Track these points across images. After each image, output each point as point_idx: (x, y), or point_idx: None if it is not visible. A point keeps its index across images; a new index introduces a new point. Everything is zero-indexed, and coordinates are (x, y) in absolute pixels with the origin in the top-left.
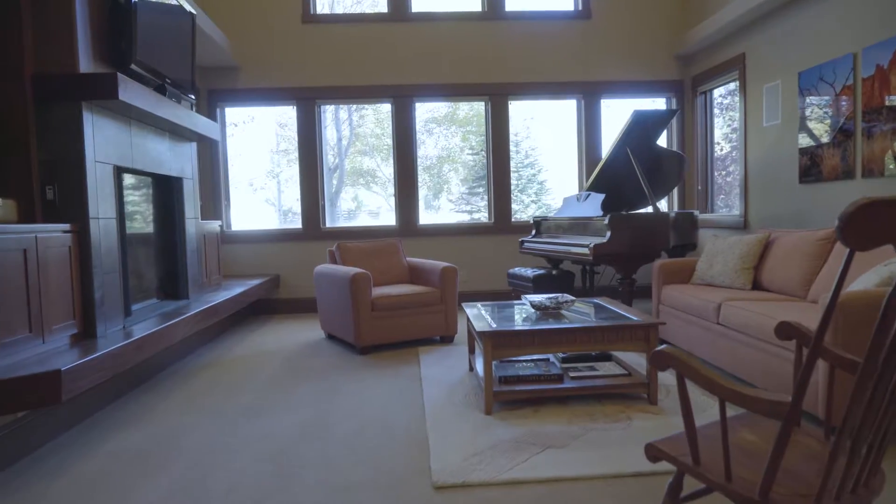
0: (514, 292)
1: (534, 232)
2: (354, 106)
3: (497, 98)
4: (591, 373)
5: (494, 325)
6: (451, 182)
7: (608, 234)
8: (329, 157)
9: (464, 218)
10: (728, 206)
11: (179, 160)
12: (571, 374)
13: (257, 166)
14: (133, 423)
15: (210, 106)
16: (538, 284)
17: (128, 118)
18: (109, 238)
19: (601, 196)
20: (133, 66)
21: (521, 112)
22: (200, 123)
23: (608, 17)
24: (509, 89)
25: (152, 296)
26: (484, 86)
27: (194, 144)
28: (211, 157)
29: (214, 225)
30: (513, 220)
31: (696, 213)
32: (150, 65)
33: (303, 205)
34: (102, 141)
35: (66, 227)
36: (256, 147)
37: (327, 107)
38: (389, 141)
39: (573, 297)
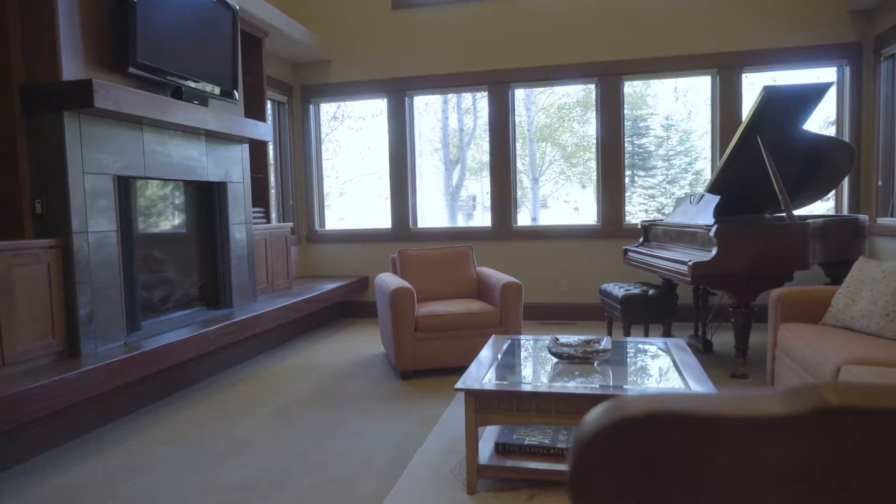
0: (606, 313)
1: (641, 239)
2: (480, 94)
3: (607, 79)
4: None
5: (485, 378)
6: (558, 179)
7: (714, 249)
8: (450, 149)
9: (571, 219)
10: None
11: (221, 164)
12: None
13: (374, 162)
14: (98, 453)
15: (303, 102)
16: (628, 308)
17: (138, 124)
18: (104, 252)
19: (716, 198)
20: (133, 70)
21: (639, 93)
22: (238, 126)
23: None
24: (622, 67)
25: (192, 305)
26: (591, 65)
27: (244, 147)
28: (304, 155)
29: (284, 227)
30: (627, 221)
31: (863, 218)
32: (160, 67)
33: (392, 203)
34: (97, 150)
35: (46, 242)
36: (374, 142)
37: (434, 96)
38: (524, 129)
39: (607, 346)
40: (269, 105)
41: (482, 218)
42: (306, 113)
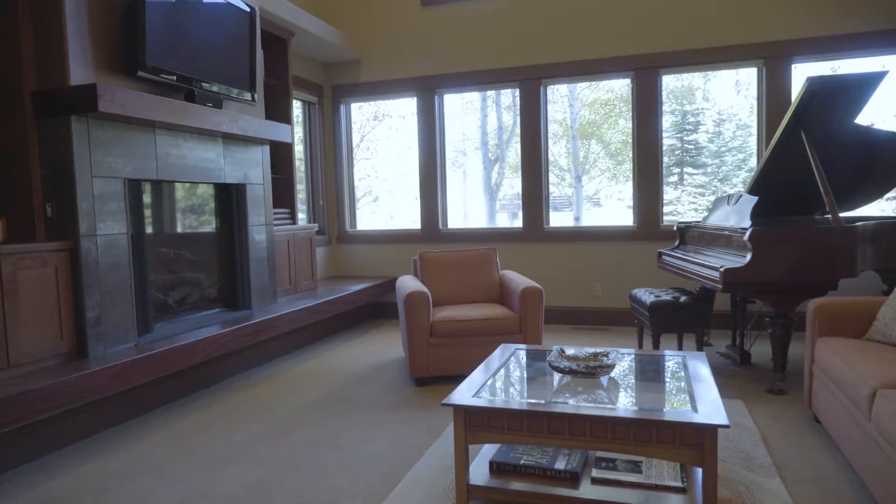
0: (636, 321)
1: (677, 241)
2: (512, 90)
3: (643, 73)
4: (627, 476)
5: (479, 391)
6: (603, 177)
7: (748, 255)
8: (489, 148)
9: (613, 219)
10: None
11: (240, 166)
12: (597, 475)
13: (414, 162)
14: (100, 456)
15: (334, 103)
16: (656, 316)
17: (150, 127)
18: (114, 255)
19: (753, 199)
20: (142, 74)
21: (687, 86)
22: (254, 127)
23: None
24: (659, 60)
25: (211, 306)
26: (626, 59)
27: (264, 148)
28: (334, 155)
29: (308, 228)
30: (667, 222)
31: None
32: (171, 70)
33: (422, 204)
34: (106, 154)
35: (53, 245)
36: (413, 141)
37: (473, 94)
38: (564, 124)
39: (614, 361)
40: (299, 105)
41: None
42: (337, 113)
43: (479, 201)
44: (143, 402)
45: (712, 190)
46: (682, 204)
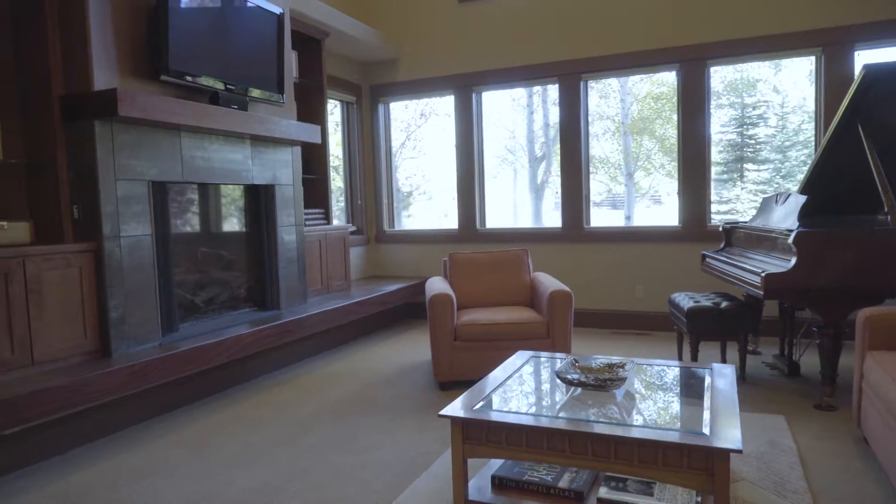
0: (675, 327)
1: (723, 243)
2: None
3: (689, 65)
4: (637, 498)
5: (481, 402)
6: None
7: (793, 259)
8: (536, 146)
9: (655, 219)
10: None
11: (268, 167)
12: (604, 495)
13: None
14: (118, 454)
15: (372, 102)
16: (694, 323)
17: (175, 130)
18: (138, 255)
19: (802, 198)
20: (165, 77)
21: (747, 78)
22: (280, 128)
23: None
24: (706, 50)
25: (240, 306)
26: (670, 51)
27: (294, 149)
28: (373, 155)
29: (342, 228)
30: (715, 221)
31: None
32: (195, 73)
33: (459, 203)
34: (131, 157)
35: (77, 246)
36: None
37: (512, 91)
38: (616, 120)
39: (625, 374)
40: (337, 105)
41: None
42: (375, 112)
43: (525, 200)
44: (167, 400)
45: (774, 187)
46: (741, 202)
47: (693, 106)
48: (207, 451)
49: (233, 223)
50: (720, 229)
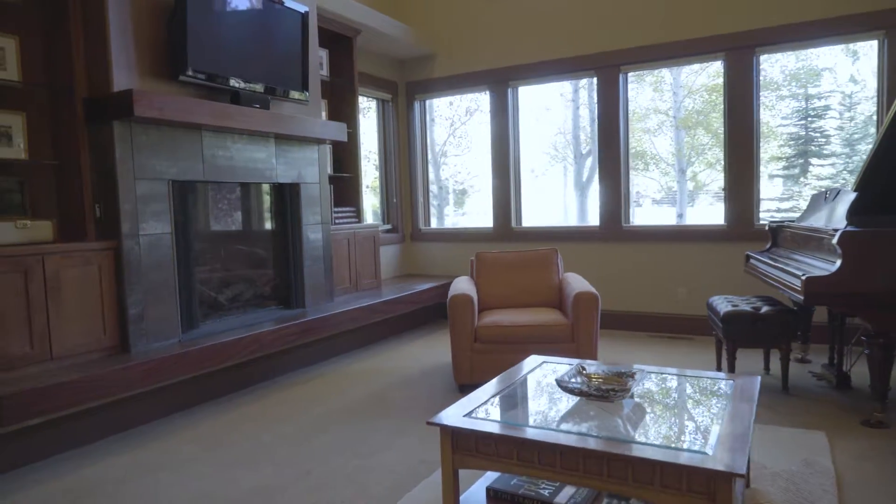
0: (713, 332)
1: (769, 244)
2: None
3: (736, 54)
4: None
5: (478, 409)
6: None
7: (837, 261)
8: (582, 141)
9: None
10: None
11: (293, 166)
12: None
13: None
14: (133, 448)
15: (408, 99)
16: (730, 328)
17: (196, 130)
18: (158, 254)
19: (852, 195)
20: (184, 78)
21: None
22: (301, 126)
23: None
24: (754, 38)
25: (265, 305)
26: (715, 39)
27: (321, 147)
28: (408, 152)
29: (372, 226)
30: (764, 220)
31: None
32: (215, 73)
33: (494, 201)
34: (150, 157)
35: (96, 245)
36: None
37: (557, 84)
38: (669, 114)
39: (629, 385)
40: (373, 103)
41: (640, 215)
42: (411, 110)
43: (571, 198)
44: (190, 396)
45: (840, 183)
46: (804, 199)
47: (740, 96)
48: (219, 448)
49: (258, 222)
50: (766, 228)
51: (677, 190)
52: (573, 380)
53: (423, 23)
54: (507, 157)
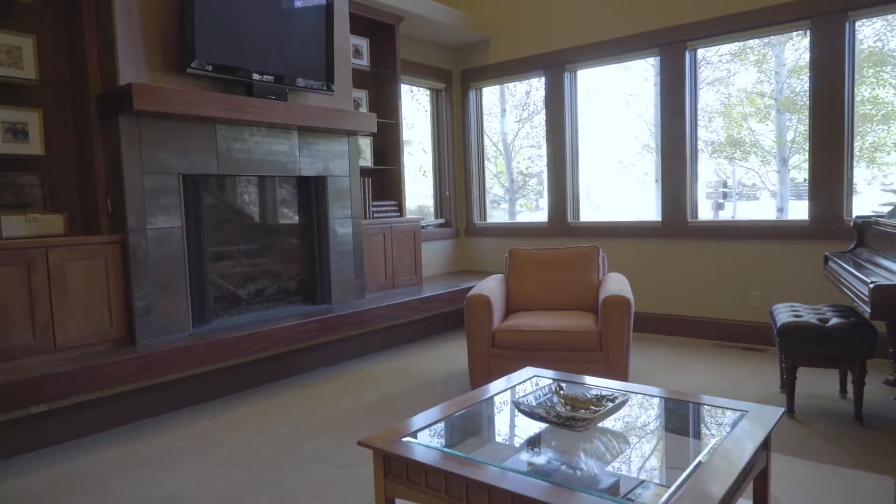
0: (777, 346)
1: (854, 243)
2: (701, 53)
3: (823, 21)
4: None
5: (423, 429)
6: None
7: None
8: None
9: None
10: None
11: (319, 158)
12: None
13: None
14: (130, 441)
15: (463, 88)
16: (788, 343)
17: (210, 123)
18: (167, 248)
19: None
20: (191, 70)
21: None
22: (326, 118)
23: None
24: (847, 1)
25: (289, 300)
26: (797, 5)
27: (351, 139)
28: (463, 143)
29: (411, 220)
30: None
31: None
32: (226, 64)
33: (549, 195)
34: (159, 151)
35: (102, 238)
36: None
37: (609, 67)
38: (771, 96)
39: (594, 414)
40: (426, 93)
41: (738, 209)
42: (466, 99)
43: (649, 191)
44: (198, 392)
45: None
46: None
47: (828, 69)
48: (210, 448)
49: (282, 216)
50: (852, 225)
51: (778, 182)
52: (541, 401)
53: (475, 7)
54: (564, 147)
